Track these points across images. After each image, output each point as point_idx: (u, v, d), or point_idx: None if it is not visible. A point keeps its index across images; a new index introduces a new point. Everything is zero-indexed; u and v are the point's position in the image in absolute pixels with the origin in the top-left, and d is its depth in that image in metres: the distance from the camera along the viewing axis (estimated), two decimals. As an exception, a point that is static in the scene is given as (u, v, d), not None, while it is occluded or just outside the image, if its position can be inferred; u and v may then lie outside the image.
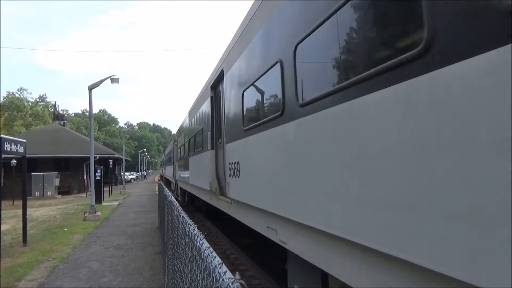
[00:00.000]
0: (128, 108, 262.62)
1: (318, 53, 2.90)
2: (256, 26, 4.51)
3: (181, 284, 3.13)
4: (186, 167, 12.99)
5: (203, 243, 2.08)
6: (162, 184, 11.35)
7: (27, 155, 11.07)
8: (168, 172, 28.22)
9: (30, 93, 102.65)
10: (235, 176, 5.34)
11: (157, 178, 67.70)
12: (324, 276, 3.21)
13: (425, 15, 1.71)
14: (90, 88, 16.77)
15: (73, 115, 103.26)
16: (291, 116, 3.25)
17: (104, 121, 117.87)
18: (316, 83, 2.97)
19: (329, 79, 2.73)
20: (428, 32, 1.69)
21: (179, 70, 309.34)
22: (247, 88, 4.74)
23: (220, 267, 1.57)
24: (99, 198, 20.94)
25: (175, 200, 4.90)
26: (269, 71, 3.86)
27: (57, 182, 29.07)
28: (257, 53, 4.41)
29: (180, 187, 17.26)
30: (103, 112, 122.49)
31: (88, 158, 18.79)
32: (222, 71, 6.66)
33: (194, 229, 2.49)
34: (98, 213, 15.53)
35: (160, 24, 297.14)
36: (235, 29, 5.53)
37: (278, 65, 3.54)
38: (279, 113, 3.52)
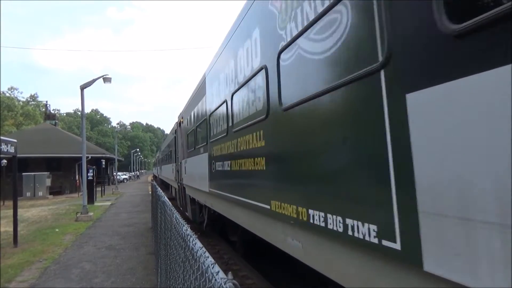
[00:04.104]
0: (121, 108, 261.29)
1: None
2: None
3: (174, 284, 3.13)
4: None
5: (195, 243, 2.08)
6: (155, 184, 11.30)
7: (18, 155, 10.94)
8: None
9: (21, 92, 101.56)
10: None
11: (150, 178, 67.31)
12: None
13: None
14: (82, 88, 16.62)
15: (65, 114, 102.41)
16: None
17: (96, 120, 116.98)
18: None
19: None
20: None
21: (173, 70, 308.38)
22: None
23: (213, 267, 1.57)
24: (91, 198, 20.78)
25: (167, 200, 4.89)
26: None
27: (48, 182, 28.75)
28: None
29: None
30: (95, 111, 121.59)
31: (80, 158, 18.64)
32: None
33: (186, 229, 2.49)
34: (90, 214, 15.41)
35: (153, 24, 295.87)
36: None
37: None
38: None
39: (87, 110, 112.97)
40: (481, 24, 1.29)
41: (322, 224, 2.47)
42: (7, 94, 59.80)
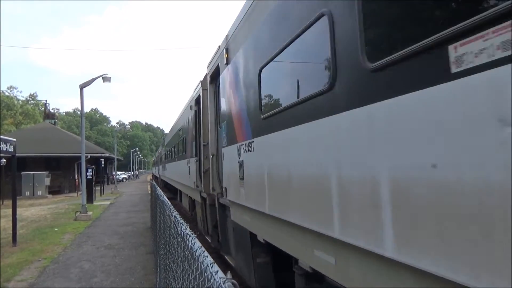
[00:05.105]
0: (120, 107, 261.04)
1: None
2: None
3: (173, 283, 3.13)
4: None
5: (195, 243, 2.08)
6: (154, 183, 11.27)
7: (17, 154, 10.93)
8: None
9: (21, 92, 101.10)
10: None
11: (149, 177, 67.27)
12: None
13: None
14: (82, 87, 16.61)
15: (64, 114, 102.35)
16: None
17: (95, 120, 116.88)
18: None
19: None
20: None
21: (172, 69, 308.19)
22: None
23: (211, 267, 1.57)
24: (90, 198, 20.76)
25: (167, 200, 4.88)
26: None
27: (47, 181, 28.76)
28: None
29: None
30: (94, 111, 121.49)
31: (79, 157, 18.62)
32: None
33: (186, 229, 2.49)
34: (90, 213, 15.40)
35: (152, 23, 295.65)
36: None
37: None
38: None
39: (87, 109, 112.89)
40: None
41: None
42: (7, 93, 59.71)
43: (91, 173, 21.52)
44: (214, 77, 7.02)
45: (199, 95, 8.33)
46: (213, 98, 7.36)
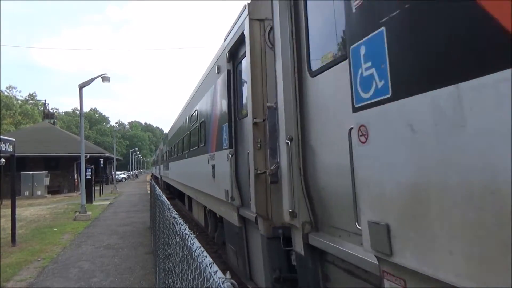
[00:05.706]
0: (120, 107, 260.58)
1: None
2: None
3: (172, 283, 3.13)
4: None
5: (194, 243, 2.08)
6: (154, 183, 11.26)
7: (16, 154, 10.92)
8: None
9: (20, 91, 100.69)
10: None
11: (148, 177, 67.25)
12: None
13: None
14: (81, 87, 16.60)
15: (63, 113, 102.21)
16: None
17: (95, 120, 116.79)
18: None
19: None
20: None
21: (171, 69, 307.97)
22: None
23: (211, 267, 1.57)
24: (89, 198, 20.74)
25: (166, 200, 4.88)
26: None
27: (47, 181, 28.73)
28: None
29: None
30: (94, 110, 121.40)
31: (78, 157, 18.63)
32: None
33: (185, 229, 2.50)
34: (89, 213, 15.38)
35: (153, 23, 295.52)
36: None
37: None
38: None
39: (86, 109, 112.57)
40: None
41: None
42: (6, 93, 59.67)
43: (90, 173, 21.49)
44: None
45: (240, 37, 4.74)
46: (286, 18, 3.30)
